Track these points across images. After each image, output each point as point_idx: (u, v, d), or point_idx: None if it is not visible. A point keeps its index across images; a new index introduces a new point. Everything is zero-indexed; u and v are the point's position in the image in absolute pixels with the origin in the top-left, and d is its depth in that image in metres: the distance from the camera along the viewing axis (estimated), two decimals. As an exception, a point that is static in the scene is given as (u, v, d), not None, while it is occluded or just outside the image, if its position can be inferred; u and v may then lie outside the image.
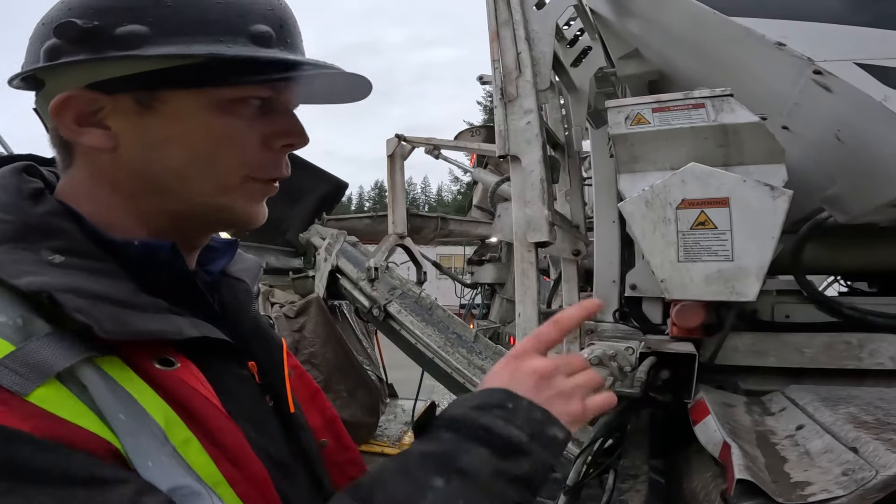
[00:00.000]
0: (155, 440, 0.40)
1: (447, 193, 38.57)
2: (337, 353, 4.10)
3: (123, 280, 0.46)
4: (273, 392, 0.57)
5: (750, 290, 1.09)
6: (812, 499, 0.75)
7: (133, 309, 0.44)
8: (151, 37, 0.45)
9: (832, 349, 1.37)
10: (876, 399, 1.11)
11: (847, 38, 1.10)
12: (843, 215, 1.30)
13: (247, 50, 0.48)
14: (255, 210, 0.54)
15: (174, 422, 0.42)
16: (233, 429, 0.45)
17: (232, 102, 0.49)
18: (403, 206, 3.70)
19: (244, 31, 0.48)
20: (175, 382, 0.43)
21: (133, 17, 0.45)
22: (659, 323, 1.69)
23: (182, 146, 0.48)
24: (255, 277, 0.64)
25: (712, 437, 1.05)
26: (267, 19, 0.49)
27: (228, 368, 0.51)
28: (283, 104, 0.53)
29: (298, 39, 0.54)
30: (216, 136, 0.49)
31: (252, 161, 0.51)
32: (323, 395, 0.69)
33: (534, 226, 1.29)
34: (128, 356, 0.43)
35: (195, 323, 0.48)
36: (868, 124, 1.04)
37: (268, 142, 0.52)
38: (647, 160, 1.25)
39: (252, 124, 0.50)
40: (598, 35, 1.83)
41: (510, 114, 1.47)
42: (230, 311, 0.58)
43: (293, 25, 0.53)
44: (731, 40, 1.27)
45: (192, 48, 0.46)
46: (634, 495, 1.15)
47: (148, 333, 0.43)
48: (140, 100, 0.47)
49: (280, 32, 0.50)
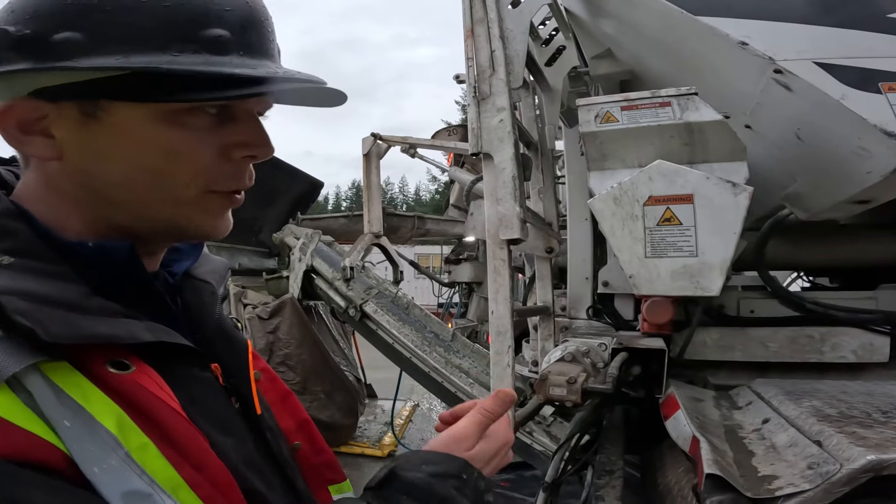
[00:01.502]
0: (104, 446, 0.39)
1: (425, 193, 38.54)
2: (313, 355, 4.05)
3: (76, 283, 0.44)
4: (238, 394, 0.56)
5: (713, 285, 1.11)
6: (779, 493, 0.76)
7: (84, 313, 0.42)
8: (87, 45, 0.42)
9: (795, 343, 1.41)
10: (839, 392, 1.14)
11: (807, 37, 1.13)
12: (804, 212, 1.34)
13: (195, 60, 0.44)
14: (214, 224, 0.51)
15: (128, 426, 0.41)
16: (192, 431, 0.44)
17: (182, 113, 0.46)
18: (379, 206, 3.67)
19: (195, 36, 0.44)
20: (130, 386, 0.42)
21: (69, 24, 0.42)
22: (631, 319, 1.71)
23: (127, 159, 0.46)
24: (221, 279, 0.63)
25: (682, 431, 1.06)
26: (224, 21, 0.46)
27: (190, 371, 0.50)
28: (245, 112, 0.50)
29: (266, 40, 0.50)
30: (165, 149, 0.46)
31: (209, 174, 0.48)
32: (294, 398, 0.67)
33: (506, 223, 1.29)
34: (80, 360, 0.41)
35: (150, 326, 0.46)
36: (826, 123, 1.07)
37: (227, 152, 0.49)
38: (616, 158, 1.26)
39: (207, 135, 0.48)
40: (571, 34, 1.85)
41: (483, 112, 1.47)
42: (193, 312, 0.57)
43: (260, 25, 0.49)
44: (697, 39, 1.29)
45: (131, 59, 0.42)
46: (610, 491, 1.16)
47: (98, 337, 0.42)
48: (84, 109, 0.45)
49: (241, 35, 0.47)
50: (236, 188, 0.51)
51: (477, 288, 5.01)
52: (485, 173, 1.45)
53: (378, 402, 5.73)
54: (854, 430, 0.85)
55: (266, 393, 0.61)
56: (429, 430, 5.15)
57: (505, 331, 1.24)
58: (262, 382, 0.61)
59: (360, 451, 4.38)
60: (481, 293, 4.82)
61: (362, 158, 3.67)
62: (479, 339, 4.44)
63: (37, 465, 0.36)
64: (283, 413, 0.63)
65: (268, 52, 0.50)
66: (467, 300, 5.22)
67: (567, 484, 1.45)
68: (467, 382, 2.85)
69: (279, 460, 0.56)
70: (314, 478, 0.62)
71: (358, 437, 4.63)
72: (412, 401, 5.87)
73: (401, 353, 3.18)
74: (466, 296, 5.25)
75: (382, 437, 4.71)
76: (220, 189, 0.50)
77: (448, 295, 5.56)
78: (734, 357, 1.46)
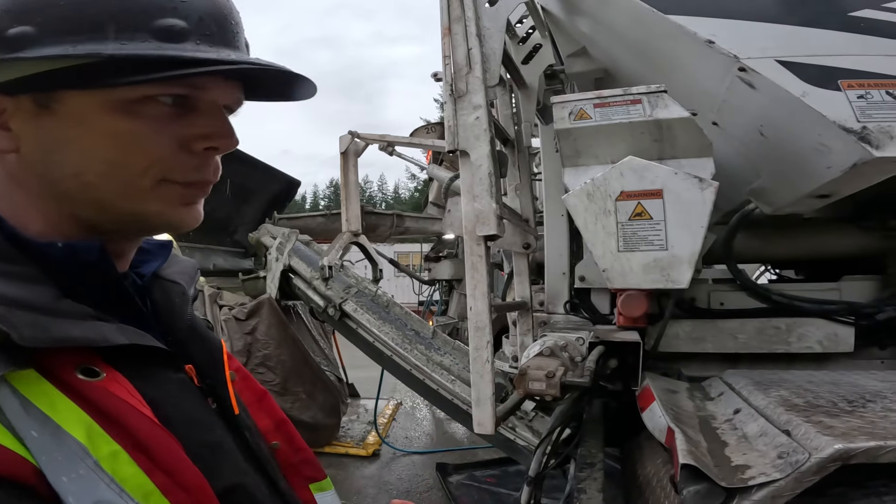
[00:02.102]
0: (72, 455, 0.38)
1: (404, 191, 38.38)
2: (293, 355, 4.00)
3: (44, 285, 0.43)
4: (215, 394, 0.56)
5: (683, 278, 1.14)
6: (752, 482, 0.79)
7: (55, 315, 0.42)
8: (39, 37, 0.43)
9: (763, 334, 1.45)
10: (805, 382, 1.18)
11: (770, 35, 1.16)
12: (768, 206, 1.38)
13: (144, 47, 0.44)
14: (176, 214, 0.50)
15: (97, 434, 0.40)
16: (164, 436, 0.44)
17: (134, 103, 0.45)
18: (357, 204, 3.64)
19: (146, 26, 0.45)
20: (100, 393, 0.42)
21: (23, 19, 0.43)
22: (607, 313, 1.74)
23: (80, 150, 0.46)
24: (191, 280, 0.62)
25: (658, 423, 1.09)
26: (178, 12, 0.46)
27: (163, 373, 0.49)
28: (207, 103, 0.49)
29: (228, 31, 0.50)
30: (117, 138, 0.46)
31: (166, 164, 0.47)
32: (270, 398, 0.67)
33: (482, 219, 1.30)
34: (48, 367, 0.41)
35: (122, 329, 0.46)
36: (788, 120, 1.11)
37: (188, 144, 0.48)
38: (590, 154, 1.28)
39: (165, 125, 0.47)
40: (547, 33, 1.87)
41: (460, 109, 1.47)
42: (163, 314, 0.56)
43: (220, 16, 0.49)
44: (666, 37, 1.32)
45: (77, 48, 0.43)
46: (592, 483, 1.18)
47: (71, 340, 0.41)
48: (39, 101, 0.45)
49: (199, 25, 0.47)
50: (194, 180, 0.50)
51: (457, 285, 5.03)
52: (461, 170, 1.46)
53: (361, 401, 5.70)
54: (821, 420, 0.88)
55: (241, 393, 0.61)
56: (412, 429, 5.15)
57: (484, 327, 1.25)
58: (236, 383, 0.60)
59: (345, 451, 4.35)
60: (461, 290, 4.84)
61: (340, 157, 3.64)
62: (460, 335, 4.46)
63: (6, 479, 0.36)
64: (259, 413, 0.63)
65: (230, 43, 0.50)
66: (448, 297, 5.24)
67: (551, 478, 1.47)
68: (449, 379, 2.85)
69: (260, 459, 0.56)
70: (295, 476, 0.62)
71: (342, 437, 4.60)
72: (395, 399, 5.86)
73: (382, 351, 3.17)
74: (447, 293, 5.26)
75: (366, 436, 4.69)
76: (178, 179, 0.49)
77: (428, 292, 5.57)
78: (705, 349, 1.50)
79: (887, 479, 0.78)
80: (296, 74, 0.51)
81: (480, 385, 1.20)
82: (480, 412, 1.19)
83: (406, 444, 4.69)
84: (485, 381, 1.21)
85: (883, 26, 1.15)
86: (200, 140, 0.49)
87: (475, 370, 1.24)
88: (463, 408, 2.73)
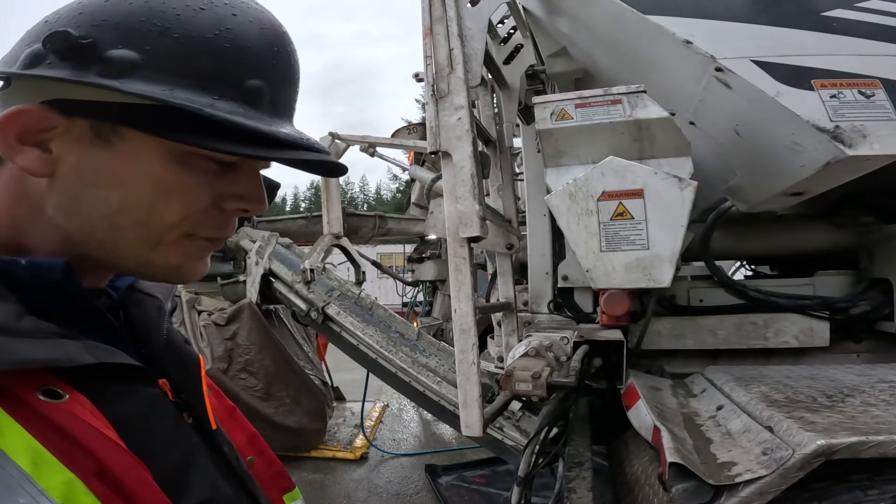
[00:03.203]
0: (11, 482, 0.36)
1: (386, 192, 38.18)
2: (275, 359, 3.94)
3: (8, 302, 0.41)
4: (191, 409, 0.54)
5: (664, 277, 1.15)
6: (739, 479, 0.80)
7: (16, 336, 0.40)
8: (140, 66, 0.40)
9: (741, 330, 1.48)
10: (784, 377, 1.21)
11: (745, 36, 1.18)
12: (744, 204, 1.40)
13: (232, 109, 0.42)
14: (190, 267, 0.50)
15: (47, 462, 0.38)
16: (129, 460, 0.42)
17: (192, 155, 0.44)
18: (338, 206, 3.60)
19: (239, 83, 0.43)
20: (62, 416, 0.40)
21: (132, 42, 0.40)
22: (590, 312, 1.75)
23: (124, 190, 0.43)
24: (168, 293, 0.61)
25: (644, 421, 1.10)
26: (265, 72, 0.45)
27: (133, 390, 0.47)
28: (249, 165, 0.49)
29: (293, 101, 0.50)
30: (164, 186, 0.44)
31: (197, 220, 0.47)
32: (240, 413, 0.66)
33: (465, 221, 1.29)
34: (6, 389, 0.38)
35: (90, 346, 0.43)
36: (762, 119, 1.13)
37: (221, 202, 0.48)
38: (571, 154, 1.29)
39: (209, 181, 0.46)
40: (529, 33, 1.87)
41: (441, 110, 1.46)
42: (139, 327, 0.54)
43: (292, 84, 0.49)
44: (646, 38, 1.33)
45: (175, 93, 0.40)
46: (581, 482, 1.19)
47: (34, 362, 0.39)
48: (98, 131, 0.42)
49: (274, 91, 0.46)
50: (218, 236, 0.50)
51: (441, 286, 5.02)
52: (444, 171, 1.45)
53: (346, 404, 5.65)
54: (802, 415, 0.89)
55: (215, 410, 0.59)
56: (400, 431, 5.13)
57: (469, 329, 1.25)
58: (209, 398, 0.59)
59: (332, 455, 4.30)
60: (445, 291, 4.83)
61: (320, 158, 3.59)
62: (444, 337, 4.45)
63: None
64: (233, 429, 0.62)
65: (290, 114, 0.50)
66: (432, 298, 5.22)
67: (540, 477, 1.47)
68: (435, 381, 2.84)
69: (239, 474, 0.55)
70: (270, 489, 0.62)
71: (328, 441, 4.56)
72: (381, 402, 5.82)
73: (366, 354, 3.14)
74: (431, 294, 5.25)
75: (354, 439, 4.65)
76: (201, 234, 0.48)
77: (412, 294, 5.55)
78: (686, 345, 1.52)
79: (870, 472, 0.80)
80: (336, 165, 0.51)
81: (467, 387, 1.19)
82: (468, 414, 1.18)
83: (394, 446, 4.66)
84: (471, 383, 1.20)
85: (855, 26, 1.17)
86: (235, 200, 0.49)
87: (461, 372, 1.24)
88: (450, 409, 2.72)
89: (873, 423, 0.83)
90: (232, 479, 0.53)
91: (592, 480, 1.20)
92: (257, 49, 0.44)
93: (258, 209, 0.50)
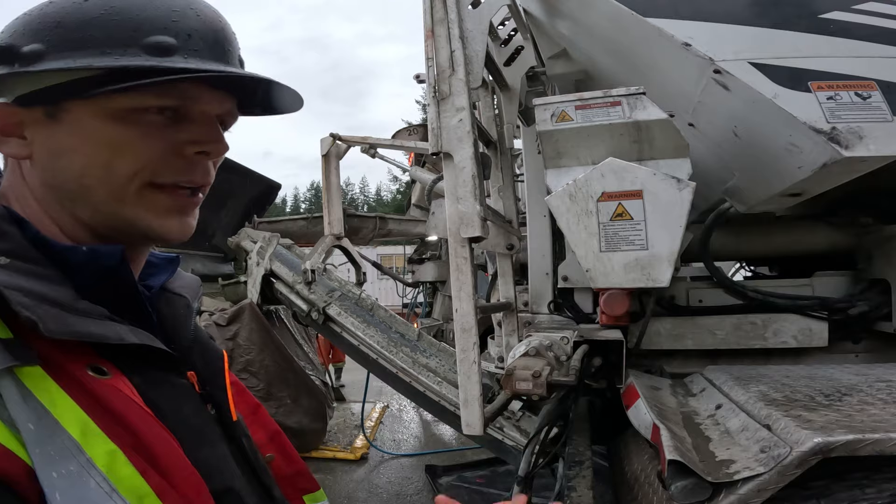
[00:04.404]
0: (65, 451, 0.40)
1: (386, 193, 38.18)
2: (276, 360, 3.95)
3: (64, 286, 0.47)
4: (214, 401, 0.58)
5: (663, 276, 1.16)
6: (737, 476, 0.80)
7: (75, 313, 0.45)
8: (46, 53, 0.49)
9: (741, 330, 1.49)
10: (782, 377, 1.21)
11: (743, 38, 1.19)
12: (743, 205, 1.41)
13: (133, 60, 0.49)
14: (158, 222, 0.53)
15: (93, 433, 0.42)
16: (166, 437, 0.45)
17: (129, 112, 0.50)
18: (339, 207, 3.61)
19: (137, 43, 0.50)
20: (107, 391, 0.44)
21: (36, 38, 0.50)
22: (590, 312, 1.76)
23: (80, 154, 0.50)
24: (194, 294, 0.66)
25: (643, 420, 1.10)
26: (169, 30, 0.51)
27: (166, 378, 0.52)
28: (199, 113, 0.54)
29: (218, 47, 0.54)
30: (111, 144, 0.50)
31: (153, 167, 0.51)
32: (264, 410, 0.70)
33: (466, 221, 1.30)
34: (60, 364, 0.43)
35: (134, 331, 0.49)
36: (760, 120, 1.14)
37: (179, 149, 0.53)
38: (571, 155, 1.30)
39: (157, 132, 0.52)
40: (529, 35, 1.88)
41: (443, 112, 1.47)
42: (168, 324, 0.59)
43: (209, 33, 0.53)
44: (645, 40, 1.34)
45: (77, 62, 0.48)
46: (581, 481, 1.19)
47: (89, 336, 0.44)
48: (48, 112, 0.50)
49: (188, 42, 0.51)
50: (185, 181, 0.54)
51: (441, 287, 5.02)
52: (445, 173, 1.46)
53: (347, 404, 5.66)
54: (800, 414, 0.90)
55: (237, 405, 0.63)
56: (400, 431, 5.13)
57: (469, 328, 1.25)
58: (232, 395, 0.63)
59: (332, 455, 4.31)
60: (446, 292, 4.83)
61: (321, 159, 3.60)
62: (445, 337, 4.45)
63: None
64: (254, 425, 0.66)
65: (220, 59, 0.54)
66: (432, 299, 5.22)
67: (540, 477, 1.48)
68: (435, 381, 2.85)
69: (255, 466, 0.58)
70: (289, 488, 0.65)
71: (329, 442, 4.56)
72: (382, 402, 5.83)
73: (367, 354, 3.14)
74: (431, 295, 5.25)
75: (354, 439, 4.66)
76: (167, 181, 0.52)
77: (412, 295, 5.55)
78: (686, 345, 1.52)
79: (868, 471, 0.81)
80: (281, 85, 0.55)
81: (468, 386, 1.20)
82: (469, 413, 1.19)
83: (394, 446, 4.67)
84: (472, 382, 1.21)
85: (852, 28, 1.18)
86: (192, 145, 0.53)
87: (462, 371, 1.24)
88: (450, 409, 2.73)
89: (870, 422, 0.84)
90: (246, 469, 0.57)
91: (592, 479, 1.20)
92: (152, 13, 0.51)
93: (217, 149, 0.55)
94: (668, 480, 0.85)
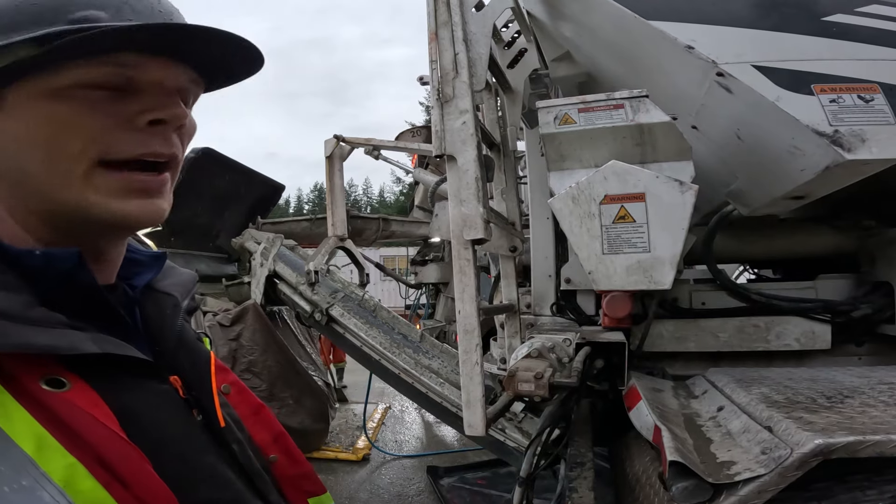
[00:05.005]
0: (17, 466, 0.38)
1: (389, 194, 38.19)
2: (279, 360, 3.96)
3: (20, 292, 0.44)
4: (200, 407, 0.55)
5: (665, 279, 1.16)
6: (738, 478, 0.80)
7: (22, 323, 0.42)
8: None
9: (743, 332, 1.49)
10: (785, 379, 1.21)
11: (746, 40, 1.19)
12: (746, 208, 1.41)
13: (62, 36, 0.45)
14: (123, 206, 0.49)
15: (51, 447, 0.40)
16: (127, 449, 0.43)
17: (66, 89, 0.47)
18: (343, 208, 3.62)
19: (61, 20, 0.47)
20: (62, 405, 0.42)
21: None
22: (593, 314, 1.76)
23: (23, 140, 0.47)
24: (186, 292, 0.63)
25: (645, 421, 1.11)
26: (94, 4, 0.48)
27: (142, 384, 0.49)
28: (150, 84, 0.50)
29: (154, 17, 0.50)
30: (51, 122, 0.47)
31: (102, 143, 0.48)
32: (267, 410, 0.67)
33: (469, 223, 1.30)
34: (13, 376, 0.41)
35: (97, 338, 0.45)
36: (763, 123, 1.14)
37: (130, 121, 0.49)
38: (574, 158, 1.30)
39: (98, 106, 0.48)
40: (533, 37, 1.89)
41: (446, 114, 1.48)
42: (153, 325, 0.56)
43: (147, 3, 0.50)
44: (648, 43, 1.35)
45: None
46: (583, 482, 1.20)
47: (31, 347, 0.41)
48: None
49: (119, 13, 0.48)
50: (143, 152, 0.49)
51: (444, 288, 5.03)
52: (448, 175, 1.47)
53: (349, 405, 5.67)
54: (801, 416, 0.90)
55: (238, 406, 0.61)
56: (402, 432, 5.13)
57: (472, 329, 1.26)
58: (232, 396, 0.60)
59: (334, 456, 4.32)
60: (448, 293, 4.84)
61: (325, 160, 3.62)
62: (447, 339, 4.46)
63: None
64: (257, 426, 0.63)
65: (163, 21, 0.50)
66: (434, 301, 5.24)
67: (541, 478, 1.48)
68: (438, 382, 2.85)
69: (248, 472, 0.56)
70: (293, 490, 0.62)
71: (331, 442, 4.57)
72: (383, 403, 5.83)
73: (370, 355, 3.15)
74: (433, 296, 5.26)
75: (356, 440, 4.67)
76: (121, 156, 0.48)
77: (415, 296, 5.56)
78: (688, 348, 1.52)
79: (869, 473, 0.81)
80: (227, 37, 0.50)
81: (470, 387, 1.21)
82: (471, 414, 1.20)
83: (396, 447, 4.67)
84: (475, 383, 1.21)
85: (855, 31, 1.19)
86: (142, 114, 0.49)
87: (465, 373, 1.25)
88: (452, 410, 2.73)
89: (871, 424, 0.84)
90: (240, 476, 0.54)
91: (594, 481, 1.21)
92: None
93: (173, 116, 0.50)
94: (669, 481, 0.85)
